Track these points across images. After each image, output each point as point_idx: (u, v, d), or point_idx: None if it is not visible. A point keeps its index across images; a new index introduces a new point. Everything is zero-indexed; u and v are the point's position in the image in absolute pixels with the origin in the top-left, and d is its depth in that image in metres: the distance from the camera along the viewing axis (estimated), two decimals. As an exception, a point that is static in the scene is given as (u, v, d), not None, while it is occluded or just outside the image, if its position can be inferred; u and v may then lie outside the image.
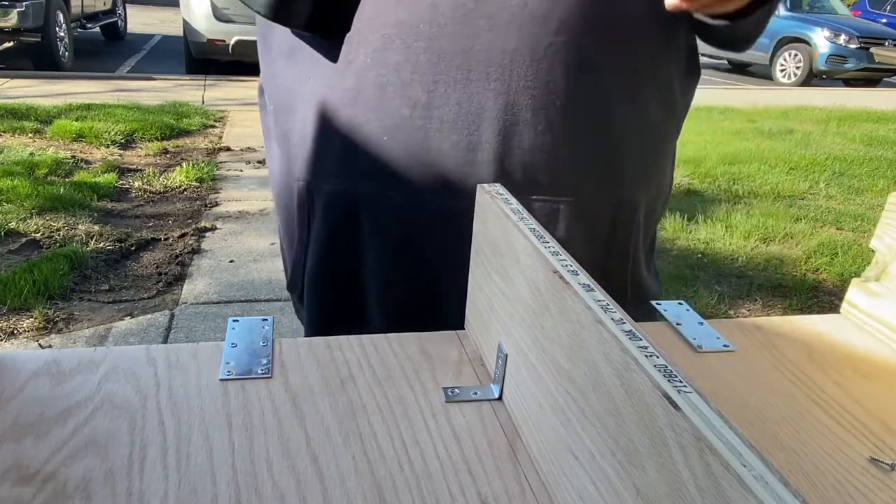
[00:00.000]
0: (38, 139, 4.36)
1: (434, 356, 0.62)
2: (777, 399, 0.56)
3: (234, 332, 0.64)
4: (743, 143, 5.51)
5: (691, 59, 0.73)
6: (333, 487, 0.46)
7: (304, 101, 0.68)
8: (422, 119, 0.63)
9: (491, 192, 0.59)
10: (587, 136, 0.67)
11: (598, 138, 0.68)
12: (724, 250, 3.30)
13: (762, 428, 0.52)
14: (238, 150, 4.56)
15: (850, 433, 0.53)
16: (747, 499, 0.28)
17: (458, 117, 0.63)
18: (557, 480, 0.46)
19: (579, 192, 0.68)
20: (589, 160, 0.68)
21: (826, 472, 0.48)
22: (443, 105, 0.62)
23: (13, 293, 2.44)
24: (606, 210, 0.71)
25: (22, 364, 0.57)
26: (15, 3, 6.02)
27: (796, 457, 0.49)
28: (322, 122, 0.67)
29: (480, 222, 0.61)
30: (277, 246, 3.35)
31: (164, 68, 7.69)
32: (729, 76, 10.96)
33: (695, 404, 0.33)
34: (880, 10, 12.93)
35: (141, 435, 0.50)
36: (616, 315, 0.41)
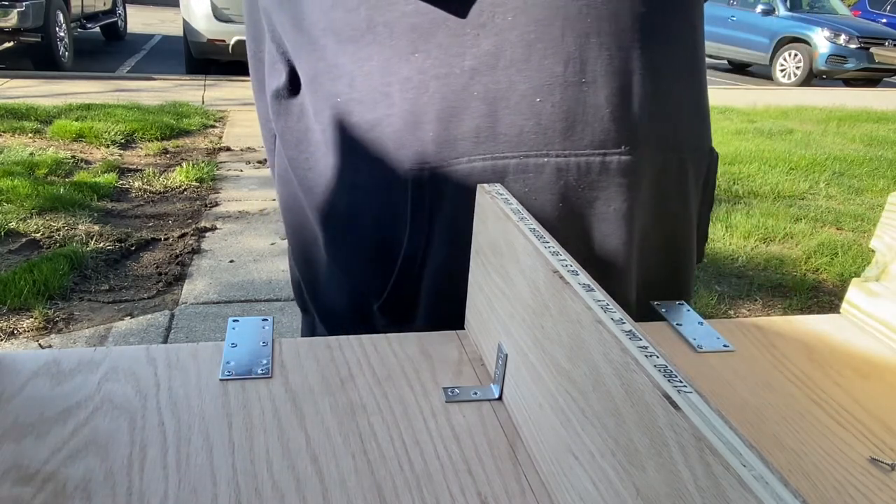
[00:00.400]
0: (38, 139, 4.37)
1: (434, 356, 0.62)
2: (777, 399, 0.56)
3: (234, 332, 0.64)
4: (743, 143, 5.51)
5: None
6: (333, 487, 0.46)
7: (405, 82, 0.62)
8: (576, 75, 0.60)
9: (491, 192, 0.59)
10: (703, 86, 0.72)
11: (700, 88, 0.73)
12: (724, 250, 3.30)
13: (762, 428, 0.52)
14: (238, 150, 4.56)
15: (850, 433, 0.53)
16: (747, 499, 0.28)
17: (609, 69, 0.61)
18: (557, 480, 0.46)
19: (700, 141, 0.72)
20: (705, 110, 0.73)
21: (826, 472, 0.48)
22: (595, 59, 0.61)
23: (13, 293, 2.44)
24: (706, 157, 0.75)
25: (22, 364, 0.57)
26: (15, 3, 6.02)
27: (796, 457, 0.49)
28: (446, 97, 0.61)
29: (480, 222, 0.61)
30: (277, 246, 3.32)
31: (164, 68, 7.69)
32: (729, 76, 10.97)
33: (695, 404, 0.33)
34: (880, 10, 12.94)
35: (141, 435, 0.50)
36: (616, 315, 0.41)
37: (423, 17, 0.61)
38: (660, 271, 0.74)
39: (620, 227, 0.66)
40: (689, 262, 0.77)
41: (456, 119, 0.62)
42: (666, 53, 0.66)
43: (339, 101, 0.66)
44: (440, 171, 0.63)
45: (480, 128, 0.61)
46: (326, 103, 0.68)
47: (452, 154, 0.63)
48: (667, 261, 0.74)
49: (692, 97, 0.71)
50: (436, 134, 0.63)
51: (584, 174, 0.64)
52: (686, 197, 0.72)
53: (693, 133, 0.72)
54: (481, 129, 0.61)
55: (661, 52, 0.65)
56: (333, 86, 0.67)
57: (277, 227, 3.29)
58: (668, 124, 0.68)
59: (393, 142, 0.64)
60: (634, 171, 0.64)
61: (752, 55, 10.79)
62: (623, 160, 0.63)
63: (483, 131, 0.61)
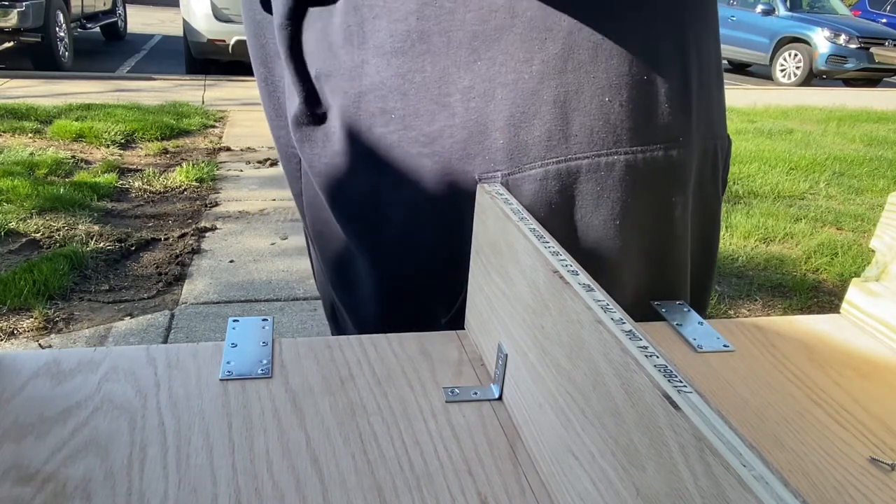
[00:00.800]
0: (38, 139, 4.37)
1: (434, 356, 0.63)
2: (777, 399, 0.56)
3: (234, 332, 0.64)
4: (743, 143, 5.51)
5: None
6: (333, 487, 0.46)
7: (467, 91, 0.62)
8: (641, 72, 0.61)
9: (491, 192, 0.59)
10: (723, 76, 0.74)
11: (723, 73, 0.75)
12: (724, 250, 3.30)
13: (762, 428, 0.52)
14: (238, 150, 4.56)
15: (850, 433, 0.53)
16: (747, 499, 0.28)
17: (670, 64, 0.62)
18: (557, 480, 0.46)
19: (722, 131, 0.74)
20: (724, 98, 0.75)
21: (826, 472, 0.48)
22: (660, 55, 0.62)
23: (13, 293, 2.44)
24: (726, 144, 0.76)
25: (22, 364, 0.57)
26: (15, 3, 6.03)
27: (796, 457, 0.49)
28: (515, 103, 0.61)
29: (480, 222, 0.61)
30: (277, 246, 3.32)
31: (164, 68, 7.69)
32: (729, 76, 10.97)
33: (695, 404, 0.33)
34: (880, 10, 12.94)
35: (141, 435, 0.50)
36: (616, 315, 0.41)
37: (485, 24, 0.60)
38: (696, 253, 0.75)
39: (682, 216, 0.69)
40: (716, 246, 0.79)
41: (527, 124, 0.62)
42: (708, 44, 0.68)
43: (392, 117, 0.65)
44: (512, 177, 0.63)
45: (552, 131, 0.61)
46: (374, 122, 0.66)
47: (525, 160, 0.62)
48: (700, 247, 0.76)
49: (719, 86, 0.74)
50: (506, 141, 0.62)
51: (651, 168, 0.65)
52: (717, 184, 0.75)
53: (721, 121, 0.75)
54: (553, 132, 0.61)
55: (706, 43, 0.67)
56: (384, 103, 0.65)
57: (277, 227, 3.30)
58: (710, 113, 0.70)
59: (457, 153, 0.64)
60: (689, 162, 0.66)
61: (752, 55, 10.79)
62: (681, 152, 0.64)
63: (555, 134, 0.61)
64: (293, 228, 3.29)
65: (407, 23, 0.62)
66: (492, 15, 0.60)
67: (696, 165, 0.69)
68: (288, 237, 3.19)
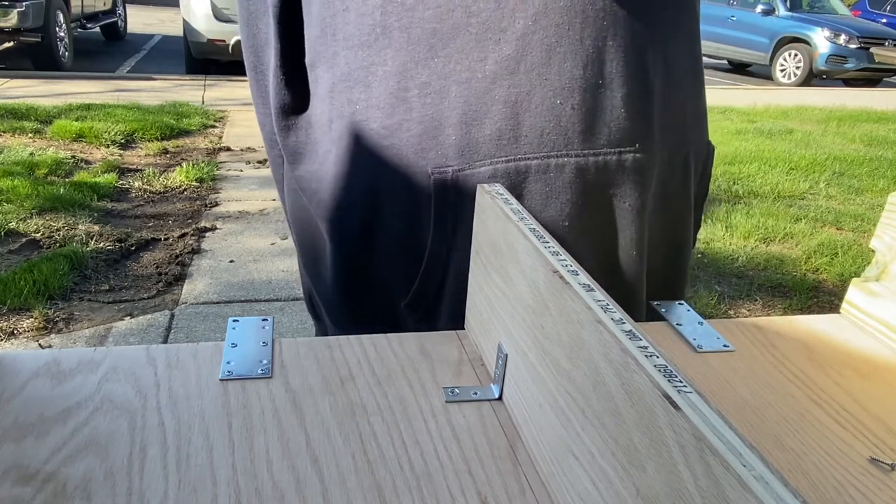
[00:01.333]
0: (38, 139, 4.37)
1: (434, 356, 0.63)
2: (777, 399, 0.56)
3: (234, 332, 0.64)
4: (743, 143, 5.51)
5: None
6: (333, 487, 0.46)
7: (424, 87, 0.63)
8: (595, 76, 0.62)
9: (491, 192, 0.59)
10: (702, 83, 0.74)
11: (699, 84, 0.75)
12: (724, 250, 3.30)
13: (762, 428, 0.52)
14: (238, 150, 4.56)
15: (850, 433, 0.53)
16: (747, 499, 0.28)
17: (625, 70, 0.63)
18: (557, 480, 0.46)
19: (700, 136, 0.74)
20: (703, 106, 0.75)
21: (826, 472, 0.48)
22: (612, 60, 0.62)
23: (13, 293, 2.44)
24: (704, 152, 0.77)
25: (22, 364, 0.57)
26: (15, 3, 6.03)
27: (796, 457, 0.49)
28: (468, 101, 0.63)
29: (480, 222, 0.61)
30: (277, 245, 3.32)
31: (164, 68, 7.69)
32: (729, 76, 10.97)
33: (695, 404, 0.33)
34: (880, 10, 12.94)
35: (141, 435, 0.50)
36: (616, 315, 0.41)
37: (443, 22, 0.62)
38: (660, 264, 0.76)
39: (634, 222, 0.68)
40: (687, 252, 0.79)
41: (478, 123, 0.63)
42: (676, 51, 0.68)
43: (357, 108, 0.67)
44: (462, 174, 0.64)
45: (503, 131, 0.63)
46: (343, 111, 0.68)
47: (475, 157, 0.64)
48: (667, 253, 0.76)
49: (694, 92, 0.73)
50: (458, 138, 0.64)
51: (602, 172, 0.66)
52: (688, 191, 0.75)
53: (695, 128, 0.74)
54: (503, 132, 0.63)
55: (673, 50, 0.67)
56: (350, 93, 0.67)
57: (277, 227, 3.30)
58: (677, 121, 0.70)
59: (413, 147, 0.65)
60: (647, 168, 0.66)
61: (752, 55, 10.79)
62: (637, 158, 0.65)
63: (505, 134, 0.63)
64: (293, 228, 3.29)
65: (372, 17, 0.64)
66: (449, 13, 0.61)
67: (658, 172, 0.69)
68: (288, 237, 3.19)
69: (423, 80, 0.63)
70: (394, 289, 0.72)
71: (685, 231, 0.77)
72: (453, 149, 0.64)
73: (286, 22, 0.70)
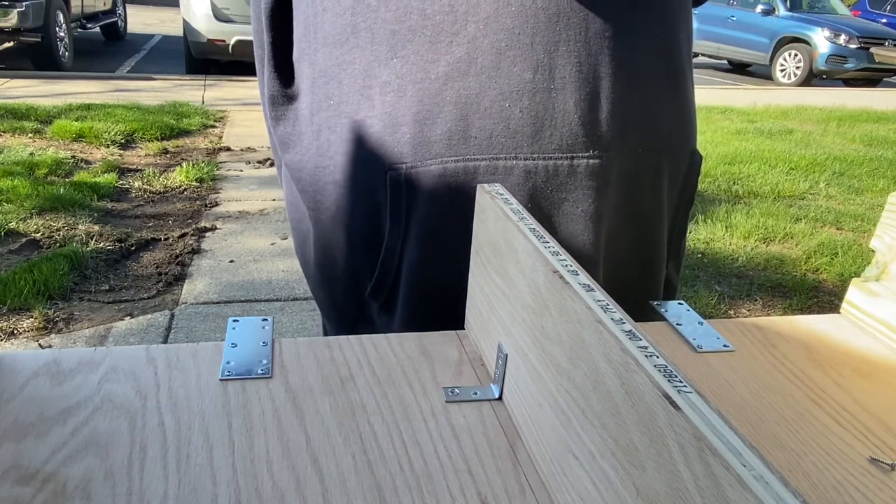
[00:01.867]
0: (38, 139, 4.37)
1: (434, 356, 0.63)
2: (777, 399, 0.56)
3: (234, 332, 0.64)
4: (743, 143, 5.51)
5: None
6: (333, 487, 0.46)
7: (385, 86, 0.66)
8: (545, 81, 0.63)
9: (491, 192, 0.59)
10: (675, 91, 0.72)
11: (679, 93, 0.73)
12: (724, 250, 3.30)
13: (762, 428, 0.53)
14: (238, 150, 4.56)
15: (850, 433, 0.53)
16: (747, 499, 0.28)
17: (579, 76, 0.63)
18: (557, 480, 0.46)
19: (671, 144, 0.73)
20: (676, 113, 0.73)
21: (826, 472, 0.48)
22: (564, 65, 0.63)
23: (13, 293, 2.44)
24: (685, 160, 0.76)
25: (22, 364, 0.57)
26: (15, 3, 6.02)
27: (796, 457, 0.49)
28: (422, 101, 0.65)
29: (480, 222, 0.61)
30: (277, 245, 3.32)
31: (164, 68, 7.69)
32: (729, 76, 10.97)
33: (695, 404, 0.33)
34: (880, 10, 12.94)
35: (141, 435, 0.50)
36: (616, 315, 0.41)
37: (401, 24, 0.64)
38: (631, 268, 0.76)
39: (588, 228, 0.69)
40: (660, 258, 0.78)
41: (430, 122, 0.65)
42: (640, 59, 0.67)
43: (331, 103, 0.70)
44: (415, 171, 0.66)
45: (453, 131, 0.64)
46: (321, 105, 0.72)
47: (427, 155, 0.66)
48: (638, 258, 0.76)
49: (672, 101, 0.72)
50: (412, 136, 0.66)
51: (553, 176, 0.67)
52: (659, 198, 0.74)
53: (672, 136, 0.73)
54: (453, 132, 0.64)
55: (636, 57, 0.67)
56: (326, 88, 0.70)
57: (277, 227, 3.30)
58: (643, 128, 0.69)
59: (374, 142, 0.68)
60: (603, 173, 0.66)
61: (752, 55, 10.78)
62: (591, 163, 0.65)
63: (455, 134, 0.64)
64: (293, 228, 3.29)
65: (344, 17, 0.66)
66: (407, 16, 0.64)
67: (620, 178, 0.69)
68: (288, 237, 3.19)
69: (384, 78, 0.65)
70: (361, 277, 0.75)
71: (656, 242, 0.76)
72: (408, 146, 0.66)
73: (277, 19, 0.74)
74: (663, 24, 0.69)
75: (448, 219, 0.67)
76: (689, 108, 0.75)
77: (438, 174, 0.66)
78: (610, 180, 0.68)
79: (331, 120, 0.71)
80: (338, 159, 0.71)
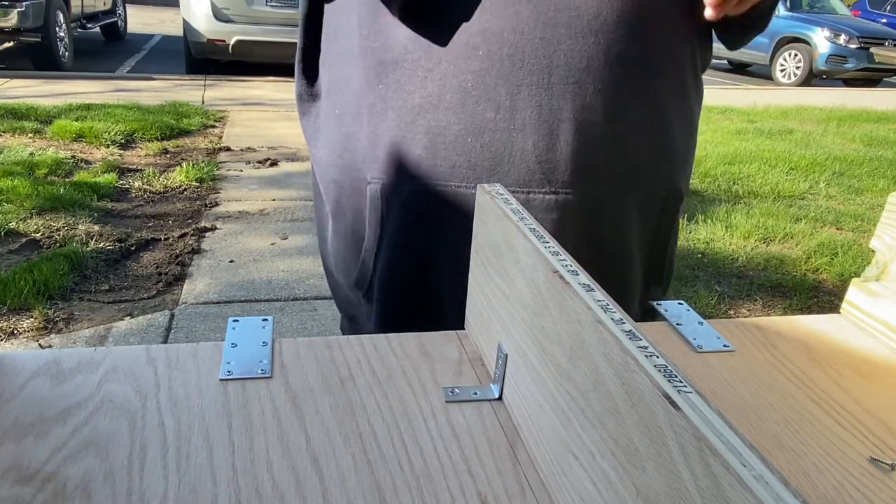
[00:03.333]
0: (38, 139, 4.37)
1: (434, 356, 0.63)
2: (777, 399, 0.56)
3: (234, 332, 0.64)
4: (743, 143, 5.51)
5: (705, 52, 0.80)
6: (333, 487, 0.46)
7: (371, 107, 0.72)
8: (505, 121, 0.67)
9: (491, 192, 0.59)
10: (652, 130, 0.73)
11: (657, 132, 0.75)
12: (724, 250, 3.30)
13: (762, 428, 0.52)
14: (238, 150, 4.56)
15: (850, 433, 0.53)
16: (747, 499, 0.28)
17: (539, 118, 0.67)
18: (557, 480, 0.46)
19: (643, 182, 0.74)
20: (653, 152, 0.75)
21: (826, 472, 0.48)
22: (525, 108, 0.67)
23: (13, 293, 2.44)
24: (660, 197, 0.77)
25: (22, 364, 0.57)
26: (15, 3, 6.02)
27: (796, 457, 0.49)
28: (399, 126, 0.71)
29: (480, 222, 0.61)
30: (277, 246, 3.33)
31: (164, 68, 7.69)
32: (729, 76, 10.96)
33: (695, 404, 0.33)
34: (880, 10, 12.93)
35: (141, 435, 0.50)
36: (616, 315, 0.41)
37: (386, 54, 0.70)
38: None
39: None
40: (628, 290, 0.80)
41: (405, 146, 0.71)
42: (610, 102, 0.69)
43: (336, 112, 0.77)
44: (388, 188, 0.73)
45: (422, 157, 0.70)
46: (331, 112, 0.79)
47: (400, 177, 0.72)
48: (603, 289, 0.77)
49: (651, 142, 0.74)
50: (388, 156, 0.72)
51: None
52: (625, 233, 0.75)
53: (645, 174, 0.75)
54: (422, 158, 0.70)
55: (604, 103, 0.69)
56: (334, 98, 0.78)
57: (277, 227, 3.30)
58: (606, 168, 0.71)
59: (360, 155, 0.74)
60: (559, 208, 0.70)
61: (752, 55, 10.78)
62: (547, 199, 0.69)
63: (424, 160, 0.70)
64: (293, 228, 3.29)
65: (350, 39, 0.73)
66: (392, 48, 0.69)
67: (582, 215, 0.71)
68: (288, 237, 3.19)
69: (371, 101, 0.72)
70: (348, 266, 0.82)
71: (621, 274, 0.77)
72: (384, 164, 0.72)
73: (312, 25, 0.80)
74: (639, 74, 0.71)
75: (414, 233, 0.74)
76: (671, 147, 0.76)
77: (408, 192, 0.72)
78: (567, 215, 0.71)
79: (333, 127, 0.77)
80: (337, 161, 0.77)
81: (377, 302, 0.79)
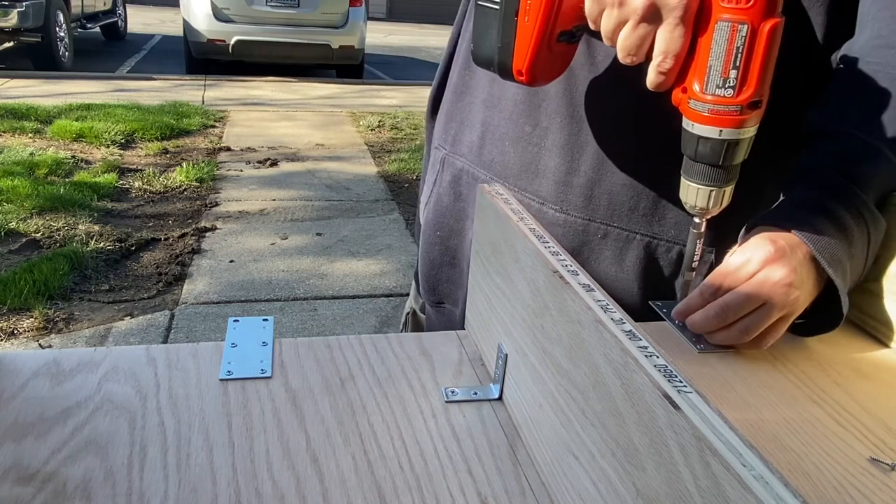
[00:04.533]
0: (38, 139, 4.37)
1: (434, 356, 0.63)
2: (777, 399, 0.56)
3: (234, 332, 0.64)
4: (743, 143, 5.50)
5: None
6: (333, 487, 0.46)
7: (455, 87, 0.85)
8: (539, 138, 0.75)
9: (491, 192, 0.59)
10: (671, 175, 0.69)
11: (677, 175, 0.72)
12: (724, 250, 3.29)
13: (762, 428, 0.52)
14: (238, 150, 4.56)
15: (850, 433, 0.52)
16: (747, 499, 0.28)
17: (565, 145, 0.73)
18: (557, 480, 0.46)
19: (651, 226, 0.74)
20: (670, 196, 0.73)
21: (826, 472, 0.48)
22: (557, 132, 0.73)
23: (13, 293, 2.44)
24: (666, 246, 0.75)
25: (22, 364, 0.57)
26: (15, 3, 6.02)
27: (796, 457, 0.49)
28: (468, 111, 0.83)
29: (480, 222, 0.61)
30: (277, 245, 3.33)
31: (164, 68, 7.69)
32: (729, 76, 10.94)
33: (695, 404, 0.33)
34: (880, 10, 12.91)
35: (141, 435, 0.50)
36: (616, 315, 0.41)
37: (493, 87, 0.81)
38: None
39: None
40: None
41: (466, 130, 0.83)
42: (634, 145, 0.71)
43: (452, 82, 0.90)
44: (447, 158, 0.86)
45: (473, 143, 0.82)
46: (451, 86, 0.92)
47: (457, 152, 0.85)
48: None
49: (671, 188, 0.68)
50: (455, 132, 0.85)
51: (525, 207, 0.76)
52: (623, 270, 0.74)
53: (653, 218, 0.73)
54: (473, 144, 0.82)
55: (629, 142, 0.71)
56: (454, 99, 0.90)
57: (277, 227, 3.30)
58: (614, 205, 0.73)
59: (445, 124, 0.88)
60: (562, 225, 0.74)
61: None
62: (556, 216, 0.74)
63: (475, 147, 0.82)
64: (293, 228, 3.29)
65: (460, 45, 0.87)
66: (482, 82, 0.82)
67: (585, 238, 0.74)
68: (288, 237, 3.19)
69: (455, 81, 0.86)
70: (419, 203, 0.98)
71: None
72: (452, 138, 0.86)
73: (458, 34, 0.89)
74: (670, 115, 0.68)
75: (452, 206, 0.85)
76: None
77: (458, 168, 0.84)
78: (568, 234, 0.74)
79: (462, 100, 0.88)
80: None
81: (422, 245, 0.90)
